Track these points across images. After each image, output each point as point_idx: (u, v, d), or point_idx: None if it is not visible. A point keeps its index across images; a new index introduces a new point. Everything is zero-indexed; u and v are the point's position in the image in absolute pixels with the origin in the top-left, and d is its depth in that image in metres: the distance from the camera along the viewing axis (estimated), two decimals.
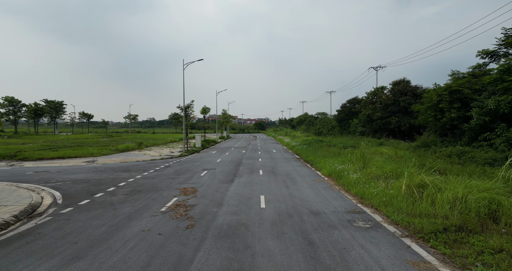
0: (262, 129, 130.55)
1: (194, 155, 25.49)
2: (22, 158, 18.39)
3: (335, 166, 14.26)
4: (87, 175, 13.91)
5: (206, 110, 40.10)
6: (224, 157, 23.86)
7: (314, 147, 26.23)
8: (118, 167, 16.83)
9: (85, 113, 78.00)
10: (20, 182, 12.34)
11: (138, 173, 14.65)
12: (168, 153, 26.59)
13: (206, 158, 23.19)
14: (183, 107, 27.81)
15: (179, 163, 19.48)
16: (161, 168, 16.82)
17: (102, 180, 12.82)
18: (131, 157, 22.57)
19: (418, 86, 39.23)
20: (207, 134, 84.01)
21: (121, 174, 14.38)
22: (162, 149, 30.85)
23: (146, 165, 17.86)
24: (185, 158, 22.86)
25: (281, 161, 20.67)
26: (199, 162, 19.80)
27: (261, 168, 16.97)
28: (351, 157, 15.47)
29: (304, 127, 63.53)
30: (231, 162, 20.24)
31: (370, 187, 9.74)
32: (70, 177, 13.40)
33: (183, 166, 17.84)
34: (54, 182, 12.40)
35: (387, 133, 42.91)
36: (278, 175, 14.37)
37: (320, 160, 17.62)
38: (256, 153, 27.07)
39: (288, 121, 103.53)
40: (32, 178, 13.32)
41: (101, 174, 14.34)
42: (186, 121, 29.04)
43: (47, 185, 11.66)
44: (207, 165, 18.20)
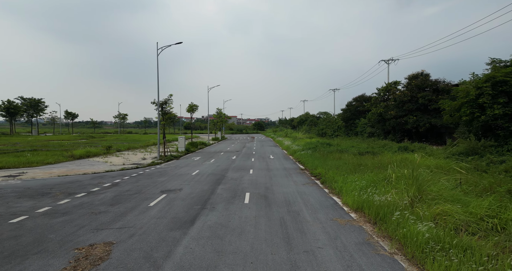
0: (261, 129, 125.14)
1: (168, 164, 20.07)
2: None
3: (364, 191, 8.84)
4: None
5: (194, 107, 34.65)
6: (205, 166, 18.45)
7: (321, 153, 20.80)
8: (37, 187, 11.40)
9: (69, 112, 72.58)
10: None
11: (54, 200, 9.23)
12: (138, 160, 21.17)
13: (181, 168, 17.76)
14: (158, 103, 22.36)
15: (138, 177, 14.07)
16: (102, 187, 11.41)
17: None
18: (83, 167, 17.16)
19: (440, 80, 33.82)
20: (201, 135, 78.57)
21: (21, 203, 8.95)
22: (135, 154, 25.44)
23: (85, 183, 12.44)
24: (153, 169, 17.44)
25: (279, 174, 15.26)
26: (166, 177, 14.38)
27: (249, 188, 11.56)
28: (386, 174, 10.04)
29: (306, 127, 58.11)
30: (211, 175, 14.83)
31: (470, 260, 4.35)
32: None
33: (139, 184, 12.42)
34: None
35: (401, 134, 37.50)
36: (274, 205, 8.96)
37: (334, 176, 12.23)
38: (249, 161, 21.64)
39: (289, 121, 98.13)
40: None
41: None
42: (163, 119, 23.63)
43: None
44: (173, 182, 12.78)
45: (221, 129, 60.03)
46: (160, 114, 23.38)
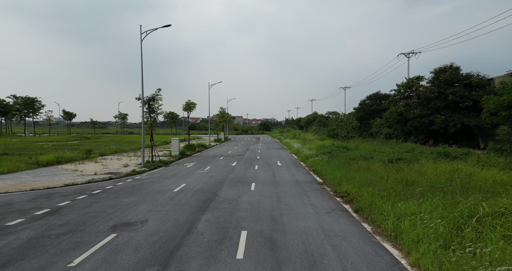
0: (267, 129, 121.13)
1: (152, 173, 16.32)
2: None
3: (446, 242, 4.93)
4: None
5: (191, 106, 30.95)
6: (196, 177, 14.64)
7: (341, 160, 16.81)
8: None
9: (66, 111, 69.65)
10: None
11: None
12: (117, 167, 17.49)
13: (165, 180, 13.98)
14: (143, 99, 18.63)
15: (98, 196, 10.31)
16: (30, 218, 7.69)
17: None
18: (39, 178, 13.53)
19: (472, 74, 29.39)
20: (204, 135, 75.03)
21: None
22: (119, 159, 21.80)
23: (13, 208, 8.75)
24: (129, 180, 13.70)
25: (290, 191, 11.34)
26: (137, 195, 10.59)
27: (247, 220, 7.68)
28: (467, 206, 6.09)
29: (315, 128, 53.92)
30: (198, 193, 10.99)
31: None
32: None
33: (90, 209, 8.65)
34: None
35: (425, 135, 33.18)
36: (288, 265, 5.07)
37: (372, 199, 8.36)
38: (251, 169, 17.77)
39: (296, 121, 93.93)
40: None
41: None
42: (151, 119, 19.90)
43: None
44: (141, 207, 8.98)
45: (224, 130, 56.32)
46: (146, 112, 19.67)
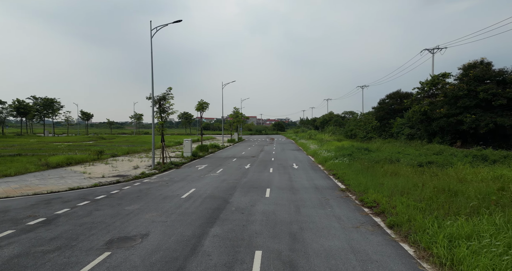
0: (282, 130, 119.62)
1: (162, 176, 15.53)
2: None
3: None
4: None
5: (204, 105, 30.18)
6: (207, 181, 13.69)
7: (363, 163, 15.44)
8: None
9: (84, 112, 71.11)
10: None
11: None
12: (127, 169, 16.85)
13: (174, 184, 13.11)
14: (153, 98, 17.91)
15: (100, 203, 9.52)
16: (20, 229, 6.93)
17: None
18: (46, 181, 12.99)
19: (506, 70, 27.05)
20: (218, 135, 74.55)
21: None
22: (131, 160, 21.25)
23: (7, 217, 8.06)
24: (137, 184, 12.92)
25: (310, 199, 10.16)
26: (142, 202, 9.72)
27: (262, 236, 6.60)
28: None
29: (332, 128, 52.12)
30: (207, 200, 10.01)
31: None
32: None
33: (88, 219, 7.83)
34: None
35: (452, 136, 30.95)
36: None
37: (409, 212, 7.11)
38: (266, 172, 16.67)
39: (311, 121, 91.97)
40: None
41: None
42: (162, 118, 19.19)
43: None
44: (144, 217, 8.09)
45: (238, 130, 55.50)
46: (157, 111, 18.97)
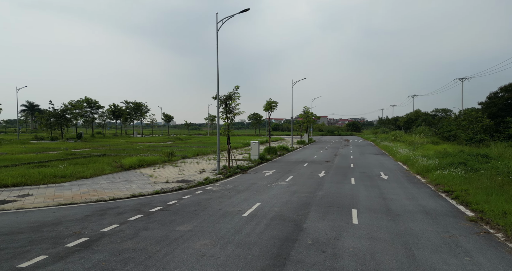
0: (357, 130, 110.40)
1: (226, 183, 14.01)
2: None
3: None
4: None
5: (272, 105, 28.29)
6: (274, 193, 11.49)
7: (494, 179, 11.00)
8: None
9: (166, 114, 78.10)
10: None
11: None
12: (193, 173, 15.99)
13: (237, 194, 11.31)
14: (218, 97, 16.68)
15: (152, 219, 8.23)
16: (55, 255, 5.88)
17: None
18: (114, 185, 12.76)
19: None
20: (287, 137, 72.42)
21: None
22: (198, 163, 20.68)
23: (53, 234, 7.31)
24: (198, 193, 11.57)
25: (424, 233, 6.94)
26: (196, 221, 8.07)
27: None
28: None
29: (423, 128, 44.29)
30: (274, 223, 7.76)
31: None
32: None
33: (129, 245, 6.45)
34: None
35: None
36: None
37: None
38: (346, 183, 13.60)
39: (392, 120, 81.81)
40: None
41: None
42: (228, 119, 17.91)
43: None
44: (193, 245, 6.31)
45: (308, 131, 52.23)
46: (223, 112, 17.76)
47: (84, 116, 54.52)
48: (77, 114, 50.34)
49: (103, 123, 66.40)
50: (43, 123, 47.96)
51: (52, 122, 47.04)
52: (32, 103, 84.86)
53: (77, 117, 51.20)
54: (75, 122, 52.90)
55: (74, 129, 63.13)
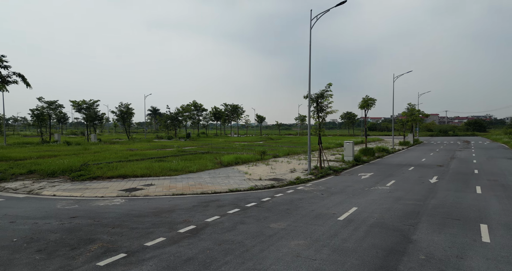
0: (480, 130, 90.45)
1: (318, 183, 13.54)
2: (88, 175, 14.10)
3: None
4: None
5: (369, 102, 25.94)
6: (372, 198, 10.41)
7: None
8: (117, 218, 8.47)
9: (258, 115, 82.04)
10: None
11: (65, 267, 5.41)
12: (284, 172, 16.17)
13: (330, 197, 10.75)
14: (309, 96, 16.32)
15: (247, 214, 8.61)
16: (149, 248, 6.80)
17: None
18: (215, 180, 14.06)
19: None
20: (386, 137, 65.49)
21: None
22: (289, 162, 20.78)
23: (167, 219, 8.46)
24: (290, 192, 11.56)
25: None
26: (289, 220, 8.00)
27: None
28: None
29: None
30: (375, 231, 6.98)
31: None
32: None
33: (223, 239, 6.88)
34: None
35: None
36: None
37: None
38: (469, 192, 11.19)
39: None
40: None
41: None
42: (319, 118, 17.35)
43: None
44: (283, 249, 6.24)
45: (413, 131, 45.80)
46: (314, 111, 17.31)
47: (192, 118, 62.90)
48: (186, 117, 58.67)
49: (206, 124, 75.14)
50: (162, 125, 57.71)
51: (169, 123, 56.01)
52: (155, 107, 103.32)
53: (186, 119, 59.56)
54: (185, 123, 61.60)
55: (184, 130, 73.62)
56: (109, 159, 19.70)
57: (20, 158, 20.61)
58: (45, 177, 14.30)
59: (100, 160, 19.02)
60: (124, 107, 52.53)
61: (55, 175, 14.59)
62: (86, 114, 49.55)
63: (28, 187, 12.26)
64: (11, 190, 11.92)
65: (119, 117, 53.67)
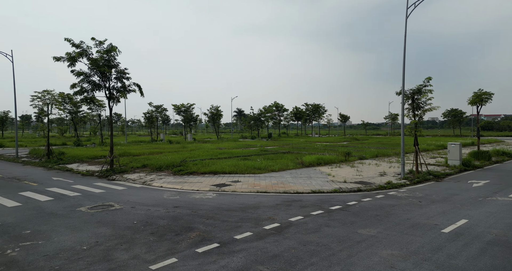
0: None
1: (414, 189, 12.00)
2: (186, 170, 16.04)
3: None
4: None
5: (483, 97, 21.46)
6: (489, 210, 8.63)
7: None
8: (210, 211, 9.37)
9: (342, 115, 77.86)
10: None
11: (175, 248, 6.29)
12: (372, 175, 14.97)
13: (428, 206, 9.40)
14: (403, 92, 14.60)
15: (331, 217, 8.29)
16: (238, 241, 7.13)
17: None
18: (296, 180, 14.07)
19: None
20: (506, 138, 53.30)
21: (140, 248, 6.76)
22: (378, 165, 19.09)
23: (252, 215, 8.86)
24: (379, 197, 10.62)
25: None
26: (379, 228, 7.34)
27: None
28: None
29: None
30: (494, 250, 5.77)
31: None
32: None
33: (308, 240, 6.77)
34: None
35: None
36: None
37: None
38: None
39: None
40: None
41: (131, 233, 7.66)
42: (415, 117, 15.34)
43: None
44: (375, 258, 5.75)
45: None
46: (409, 108, 15.45)
47: (273, 118, 64.59)
48: (268, 117, 60.66)
49: (287, 124, 75.89)
50: (246, 125, 61.14)
51: (252, 124, 58.95)
52: (240, 109, 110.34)
53: (268, 119, 61.54)
54: (267, 123, 63.72)
55: (266, 130, 76.22)
56: (202, 157, 21.97)
57: (136, 154, 25.01)
58: (154, 171, 16.96)
59: (195, 157, 21.41)
60: (214, 109, 57.80)
61: (161, 169, 17.13)
62: (184, 116, 56.60)
63: (142, 179, 14.75)
64: (130, 181, 14.57)
65: (210, 119, 59.34)
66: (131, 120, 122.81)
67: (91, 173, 16.73)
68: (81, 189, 12.47)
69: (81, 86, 16.24)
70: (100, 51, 16.06)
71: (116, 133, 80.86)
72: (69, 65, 15.77)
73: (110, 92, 16.77)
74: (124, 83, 17.05)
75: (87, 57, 15.93)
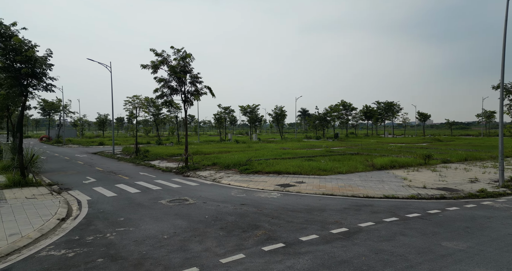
0: None
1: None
2: (251, 169, 16.47)
3: None
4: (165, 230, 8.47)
5: None
6: None
7: None
8: (274, 211, 9.46)
9: (421, 113, 69.34)
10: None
11: (243, 244, 6.56)
12: (459, 181, 13.03)
13: None
14: (502, 85, 12.26)
15: (407, 225, 7.46)
16: (304, 242, 6.90)
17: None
18: (366, 183, 13.15)
19: None
20: None
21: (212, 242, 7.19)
22: (468, 169, 16.50)
23: (316, 217, 8.58)
24: (469, 207, 9.17)
25: None
26: (470, 242, 6.30)
27: None
28: None
29: None
30: None
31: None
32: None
33: (380, 248, 6.21)
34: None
35: None
36: None
37: None
38: None
39: None
40: None
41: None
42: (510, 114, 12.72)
43: None
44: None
45: None
46: (510, 104, 12.93)
47: (340, 118, 61.76)
48: (334, 117, 58.33)
49: (356, 124, 71.65)
50: (310, 125, 59.94)
51: (317, 124, 57.50)
52: (304, 109, 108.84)
53: (335, 119, 59.16)
54: (333, 123, 61.34)
55: (332, 130, 73.37)
56: (267, 156, 22.35)
57: (207, 152, 26.91)
58: (223, 169, 17.98)
59: (259, 157, 21.94)
60: (278, 109, 58.28)
61: (229, 168, 18.05)
62: (249, 117, 58.58)
63: (213, 176, 15.78)
64: (202, 178, 15.74)
65: (274, 119, 60.04)
66: (203, 121, 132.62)
67: (170, 169, 18.65)
68: (162, 184, 14.01)
69: (162, 90, 18.28)
70: (177, 58, 17.78)
71: (190, 133, 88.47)
72: (152, 72, 17.88)
73: (185, 96, 18.43)
74: (197, 87, 18.53)
75: (167, 65, 17.81)
